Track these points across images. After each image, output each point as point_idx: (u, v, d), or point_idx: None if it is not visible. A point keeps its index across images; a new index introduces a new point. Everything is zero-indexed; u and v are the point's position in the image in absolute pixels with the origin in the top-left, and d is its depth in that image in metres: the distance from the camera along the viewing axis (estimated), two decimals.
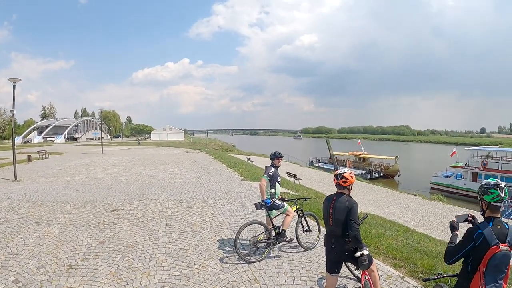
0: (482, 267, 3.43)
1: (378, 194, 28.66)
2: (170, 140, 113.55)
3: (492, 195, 3.57)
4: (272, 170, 8.21)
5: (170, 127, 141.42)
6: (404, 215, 20.27)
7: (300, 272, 6.95)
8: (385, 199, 26.50)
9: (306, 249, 8.22)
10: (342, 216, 4.91)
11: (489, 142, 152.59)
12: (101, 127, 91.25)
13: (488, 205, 3.62)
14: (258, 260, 7.45)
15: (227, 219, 11.18)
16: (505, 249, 3.37)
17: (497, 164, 40.63)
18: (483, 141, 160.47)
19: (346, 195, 5.13)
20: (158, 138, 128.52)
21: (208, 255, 7.79)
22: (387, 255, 8.12)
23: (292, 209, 8.35)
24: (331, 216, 5.05)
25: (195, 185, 18.00)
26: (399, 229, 12.00)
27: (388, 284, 6.57)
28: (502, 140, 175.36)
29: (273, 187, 8.19)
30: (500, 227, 3.49)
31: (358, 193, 27.90)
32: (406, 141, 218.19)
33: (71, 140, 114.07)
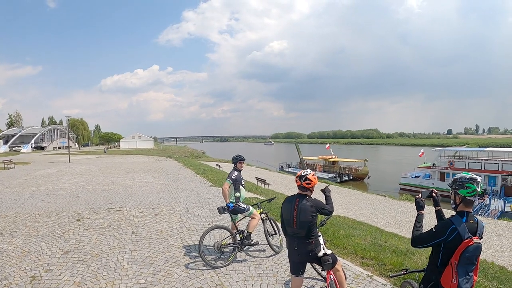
0: (454, 260, 3.46)
1: (348, 197, 29.03)
2: (139, 148, 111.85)
3: (468, 190, 3.59)
4: (235, 173, 8.10)
5: (139, 135, 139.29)
6: (373, 216, 20.59)
7: (268, 276, 6.91)
8: (354, 201, 26.88)
9: (276, 252, 8.18)
10: (308, 218, 4.88)
11: (456, 142, 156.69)
12: (69, 135, 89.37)
13: (462, 199, 3.64)
14: (224, 265, 7.36)
15: (195, 225, 11.07)
16: (477, 242, 3.42)
17: (463, 163, 42.07)
18: (450, 142, 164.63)
19: (308, 196, 5.09)
20: (127, 146, 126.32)
21: (175, 262, 7.66)
22: (355, 255, 8.17)
23: (257, 212, 8.29)
24: (295, 218, 4.97)
25: (163, 192, 17.81)
26: (368, 230, 12.15)
27: (357, 283, 6.60)
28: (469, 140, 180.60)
29: (238, 190, 8.09)
30: (472, 221, 3.55)
31: None
32: (375, 144, 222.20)
33: (38, 149, 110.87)
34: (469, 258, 3.43)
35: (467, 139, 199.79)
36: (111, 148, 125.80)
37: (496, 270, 8.84)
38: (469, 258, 3.42)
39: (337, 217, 15.45)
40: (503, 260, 13.77)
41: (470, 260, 3.43)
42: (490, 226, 21.12)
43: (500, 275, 8.16)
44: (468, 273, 3.45)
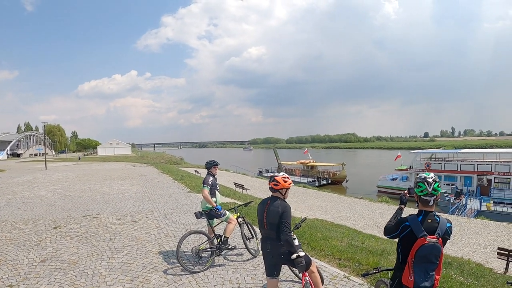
0: (410, 258, 3.55)
1: (326, 200, 29.26)
2: (117, 155, 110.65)
3: (421, 189, 3.69)
4: (211, 179, 8.12)
5: (117, 141, 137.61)
6: (351, 218, 20.77)
7: (245, 279, 6.93)
8: (333, 204, 27.11)
9: (253, 256, 8.17)
10: (276, 220, 4.94)
11: (432, 145, 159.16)
12: (45, 142, 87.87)
13: (419, 199, 3.74)
14: (202, 270, 7.32)
15: (172, 231, 10.99)
16: (432, 241, 3.46)
17: (440, 165, 43.04)
18: (427, 145, 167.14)
19: (280, 199, 5.14)
20: (104, 153, 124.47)
21: (153, 267, 7.59)
22: (332, 256, 8.23)
23: (234, 216, 8.31)
24: (265, 219, 5.09)
25: (140, 199, 17.61)
26: (345, 232, 12.24)
27: (334, 284, 6.65)
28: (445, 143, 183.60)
29: (213, 195, 8.10)
30: (431, 220, 3.61)
31: (306, 200, 28.42)
32: (353, 148, 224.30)
33: (14, 156, 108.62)
34: (426, 257, 3.49)
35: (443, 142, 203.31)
36: (89, 154, 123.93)
37: (473, 267, 8.98)
38: (425, 256, 3.49)
39: (315, 220, 15.54)
40: (480, 257, 14.07)
41: (427, 258, 3.50)
42: (466, 225, 21.62)
43: (476, 271, 8.29)
44: (427, 272, 3.52)
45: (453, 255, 11.79)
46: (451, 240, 17.24)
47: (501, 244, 14.53)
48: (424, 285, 3.51)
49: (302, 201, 28.23)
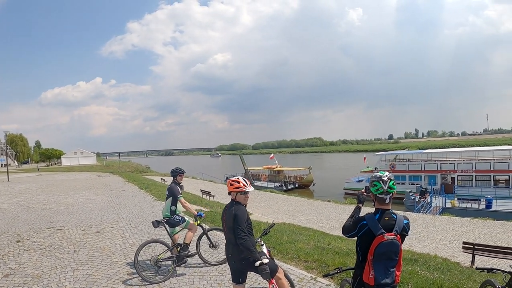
0: (370, 256, 3.53)
1: (293, 204, 29.40)
2: (82, 165, 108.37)
3: (376, 187, 3.69)
4: (177, 188, 8.05)
5: (82, 151, 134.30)
6: (319, 221, 20.85)
7: (212, 286, 6.87)
8: (300, 207, 27.25)
9: (212, 265, 8.06)
10: (231, 223, 4.90)
11: (397, 147, 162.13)
12: (7, 152, 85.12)
13: (375, 197, 3.73)
14: (163, 279, 7.15)
15: (138, 240, 10.75)
16: (390, 238, 3.45)
17: (404, 166, 44.05)
18: (391, 147, 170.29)
19: (236, 202, 5.09)
20: (69, 162, 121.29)
21: (118, 278, 7.44)
22: (299, 259, 8.25)
23: (195, 224, 8.16)
24: (225, 223, 5.08)
25: (105, 209, 17.22)
26: (312, 234, 12.28)
27: (301, 286, 6.67)
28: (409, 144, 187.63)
29: (174, 204, 7.99)
30: (388, 218, 3.60)
31: (273, 205, 28.45)
32: (319, 152, 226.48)
33: None
34: (385, 254, 3.48)
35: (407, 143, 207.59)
36: (52, 165, 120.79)
37: (439, 262, 9.13)
38: (384, 254, 3.48)
39: (282, 224, 15.51)
40: (446, 252, 14.32)
41: (386, 255, 3.49)
42: (432, 222, 22.13)
43: (442, 266, 8.41)
44: (387, 269, 3.51)
45: (420, 251, 11.91)
46: (418, 237, 17.52)
47: (466, 239, 14.76)
48: (385, 281, 3.51)
49: (269, 206, 28.31)
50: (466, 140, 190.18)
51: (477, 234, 18.32)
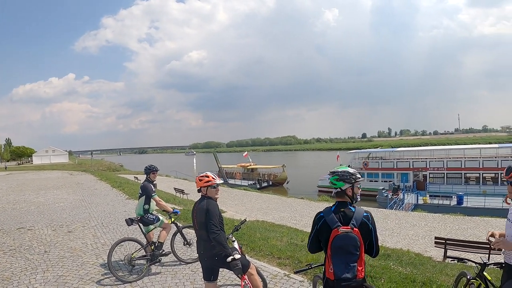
0: (329, 250, 3.51)
1: (267, 202, 29.47)
2: (54, 163, 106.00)
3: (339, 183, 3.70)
4: (151, 186, 7.96)
5: (53, 149, 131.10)
6: (292, 218, 20.90)
7: (185, 284, 6.82)
8: (274, 205, 27.32)
9: (187, 263, 7.99)
10: (203, 218, 4.88)
11: (370, 145, 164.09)
12: None
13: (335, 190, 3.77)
14: (137, 278, 7.04)
15: (110, 240, 10.59)
16: (346, 231, 3.43)
17: (377, 163, 44.96)
18: (365, 145, 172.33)
19: (206, 197, 5.10)
20: (40, 161, 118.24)
21: (89, 279, 7.30)
22: (272, 256, 8.26)
23: (168, 222, 8.10)
24: (195, 219, 5.07)
25: (77, 208, 16.93)
26: (285, 231, 12.31)
27: (275, 283, 6.69)
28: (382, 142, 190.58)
29: (147, 202, 7.89)
30: (345, 210, 3.58)
31: (247, 202, 28.41)
32: (294, 150, 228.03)
33: None
34: (342, 248, 3.45)
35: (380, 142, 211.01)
36: (23, 163, 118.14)
37: (412, 256, 9.26)
38: (341, 247, 3.46)
39: (255, 221, 15.50)
40: (419, 247, 14.53)
41: (344, 249, 3.46)
42: (404, 218, 22.49)
43: (415, 260, 8.52)
44: (347, 263, 3.45)
45: (393, 247, 12.01)
46: (390, 233, 17.73)
47: (438, 234, 15.04)
48: (345, 276, 3.46)
49: (243, 203, 28.28)
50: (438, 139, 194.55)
51: (449, 230, 18.68)
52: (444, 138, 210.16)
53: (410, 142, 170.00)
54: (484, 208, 27.67)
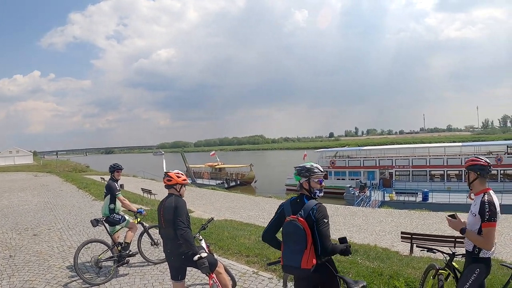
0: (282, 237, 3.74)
1: (235, 201, 29.59)
2: (18, 164, 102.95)
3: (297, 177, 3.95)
4: (116, 184, 7.87)
5: (17, 149, 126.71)
6: (261, 217, 20.94)
7: (153, 285, 6.81)
8: (242, 204, 27.46)
9: (154, 263, 7.93)
10: (170, 216, 4.86)
11: (337, 144, 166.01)
12: None
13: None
14: (104, 281, 6.94)
15: (76, 242, 10.35)
16: (291, 219, 3.58)
17: (344, 162, 45.73)
18: (332, 144, 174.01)
19: (174, 195, 5.12)
20: (4, 162, 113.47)
21: (56, 282, 7.16)
22: (240, 254, 8.32)
23: (135, 222, 8.02)
24: (162, 217, 5.03)
25: (42, 210, 16.52)
26: (253, 230, 12.33)
27: (244, 280, 6.74)
28: (349, 141, 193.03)
29: (113, 202, 7.81)
30: (299, 201, 3.79)
31: (215, 202, 28.37)
32: (262, 149, 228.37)
33: None
34: (288, 235, 3.61)
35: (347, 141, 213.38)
36: None
37: (379, 251, 9.41)
38: (287, 235, 3.62)
39: (224, 221, 15.43)
40: (386, 243, 14.81)
41: (289, 237, 3.60)
42: (371, 214, 22.96)
43: (382, 255, 8.67)
44: (292, 252, 3.57)
45: (360, 242, 12.15)
46: (358, 229, 18.05)
47: (404, 229, 15.28)
48: (288, 263, 3.60)
49: (211, 203, 28.23)
50: (403, 138, 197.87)
51: (415, 225, 19.18)
52: (409, 137, 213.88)
53: (377, 141, 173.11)
54: (449, 203, 28.47)
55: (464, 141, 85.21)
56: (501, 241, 16.09)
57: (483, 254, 3.95)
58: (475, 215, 3.94)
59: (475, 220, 3.95)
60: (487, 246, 3.87)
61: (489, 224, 3.80)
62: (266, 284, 6.57)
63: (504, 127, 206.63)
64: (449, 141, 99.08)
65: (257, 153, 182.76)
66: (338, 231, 17.28)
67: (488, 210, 3.81)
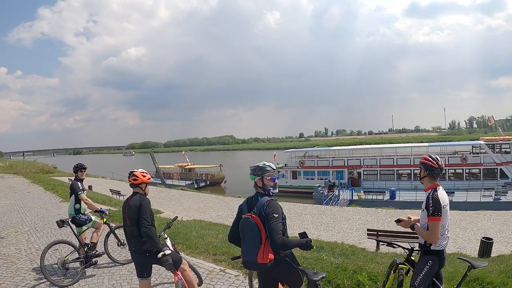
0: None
1: (205, 201, 29.66)
2: None
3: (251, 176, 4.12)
4: (79, 184, 7.80)
5: None
6: (230, 217, 20.95)
7: (122, 285, 6.83)
8: (211, 204, 27.55)
9: (121, 264, 7.88)
10: (135, 214, 4.94)
11: (307, 144, 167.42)
12: None
13: None
14: (71, 282, 6.85)
15: (44, 244, 10.09)
16: (245, 217, 3.82)
17: (313, 162, 46.24)
18: (302, 144, 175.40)
19: (139, 193, 5.21)
20: None
21: (24, 285, 7.07)
22: (207, 253, 8.38)
23: (101, 222, 7.98)
24: (127, 215, 5.07)
25: (8, 213, 16.12)
26: (221, 229, 12.35)
27: (211, 278, 6.82)
28: (319, 142, 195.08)
29: (78, 202, 7.72)
30: (254, 199, 4.01)
31: (185, 202, 28.35)
32: (231, 150, 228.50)
33: None
34: (243, 232, 3.85)
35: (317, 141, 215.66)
36: None
37: (345, 248, 9.55)
38: (242, 231, 3.86)
39: (192, 221, 15.42)
40: (353, 240, 15.16)
41: (244, 233, 3.83)
42: (339, 213, 23.35)
43: (347, 251, 8.78)
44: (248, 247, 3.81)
45: (327, 240, 12.30)
46: (325, 227, 18.34)
47: (371, 226, 15.57)
48: (246, 259, 3.88)
49: (180, 203, 28.25)
50: (372, 139, 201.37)
51: (381, 222, 19.61)
52: (378, 137, 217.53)
53: (346, 142, 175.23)
54: (415, 201, 28.99)
55: (431, 142, 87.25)
56: (465, 236, 16.62)
57: (434, 247, 4.13)
58: (423, 210, 4.15)
59: (423, 215, 4.16)
60: (432, 240, 4.05)
61: (433, 218, 3.98)
62: (232, 282, 6.66)
63: (470, 128, 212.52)
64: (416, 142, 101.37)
65: (227, 153, 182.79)
66: (306, 229, 17.13)
67: (432, 205, 4.01)
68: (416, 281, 4.12)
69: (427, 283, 4.08)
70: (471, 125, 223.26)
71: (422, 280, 4.07)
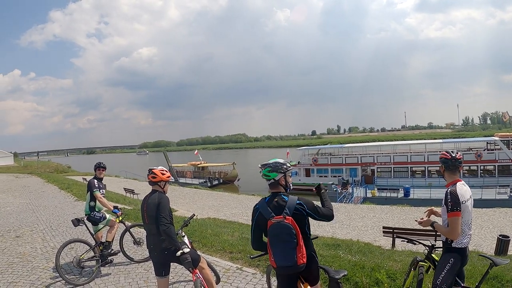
0: (268, 239, 3.66)
1: (218, 199, 29.66)
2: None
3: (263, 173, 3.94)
4: (96, 182, 7.81)
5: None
6: (244, 214, 21.03)
7: (138, 283, 6.79)
8: (225, 202, 27.56)
9: (138, 262, 7.89)
10: (154, 212, 4.92)
11: (320, 142, 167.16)
12: None
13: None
14: (87, 281, 6.86)
15: (59, 243, 10.18)
16: (278, 220, 3.56)
17: (326, 159, 45.99)
18: (315, 142, 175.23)
19: (158, 191, 5.18)
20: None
21: (40, 284, 7.05)
22: (223, 251, 8.33)
23: (116, 220, 7.97)
24: (145, 213, 5.07)
25: (24, 212, 16.24)
26: (236, 227, 12.43)
27: (228, 276, 6.76)
28: (331, 139, 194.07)
29: (93, 199, 7.75)
30: (278, 200, 3.72)
31: (198, 200, 28.35)
32: (244, 148, 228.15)
33: None
34: (278, 236, 3.57)
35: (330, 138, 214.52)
36: None
37: (361, 246, 9.53)
38: (276, 236, 3.58)
39: (207, 219, 15.48)
40: (368, 238, 15.04)
41: (279, 238, 3.57)
42: (354, 210, 23.26)
43: (364, 249, 8.78)
44: (285, 251, 3.56)
45: (343, 238, 12.30)
46: (340, 225, 18.22)
47: (386, 224, 15.51)
48: (284, 264, 3.58)
49: (194, 201, 28.32)
50: (385, 136, 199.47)
51: (396, 220, 19.49)
52: (391, 134, 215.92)
53: (359, 139, 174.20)
54: (430, 199, 28.73)
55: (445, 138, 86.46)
56: (481, 234, 16.44)
57: (456, 244, 4.07)
58: (443, 206, 4.12)
59: (443, 211, 4.13)
60: (452, 236, 3.99)
61: (453, 214, 3.94)
62: (250, 280, 6.61)
63: (484, 124, 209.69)
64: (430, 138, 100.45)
65: (240, 151, 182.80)
66: (321, 227, 17.41)
67: (450, 200, 3.97)
68: (438, 279, 4.07)
69: (450, 281, 4.02)
70: (485, 121, 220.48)
71: (444, 278, 4.02)
